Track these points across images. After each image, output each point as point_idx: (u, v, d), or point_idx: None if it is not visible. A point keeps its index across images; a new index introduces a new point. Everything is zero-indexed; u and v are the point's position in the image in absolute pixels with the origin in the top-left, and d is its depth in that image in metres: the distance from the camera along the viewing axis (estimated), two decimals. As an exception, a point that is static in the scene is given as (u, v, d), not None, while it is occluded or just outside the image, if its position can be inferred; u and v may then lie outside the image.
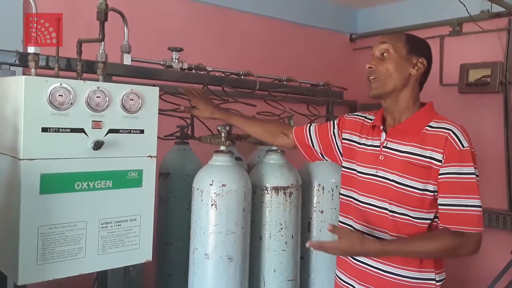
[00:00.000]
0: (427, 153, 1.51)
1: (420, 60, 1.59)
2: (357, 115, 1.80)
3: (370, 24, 4.12)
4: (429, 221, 1.55)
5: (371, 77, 1.59)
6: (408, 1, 3.81)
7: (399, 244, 1.53)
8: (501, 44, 3.26)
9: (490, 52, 3.30)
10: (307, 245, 1.54)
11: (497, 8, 3.17)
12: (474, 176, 1.48)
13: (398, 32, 1.64)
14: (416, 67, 1.58)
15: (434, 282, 1.57)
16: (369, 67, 1.58)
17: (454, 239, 1.47)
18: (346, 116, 1.83)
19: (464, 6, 3.08)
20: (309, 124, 1.93)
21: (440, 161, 1.49)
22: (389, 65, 1.56)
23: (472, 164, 1.48)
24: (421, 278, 1.56)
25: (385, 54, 1.57)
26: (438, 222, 1.54)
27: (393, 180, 1.55)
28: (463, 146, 1.48)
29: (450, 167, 1.48)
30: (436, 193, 1.51)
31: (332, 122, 1.87)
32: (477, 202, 1.47)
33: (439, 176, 1.49)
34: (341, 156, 1.80)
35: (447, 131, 1.50)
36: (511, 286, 2.95)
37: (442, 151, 1.49)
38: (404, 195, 1.53)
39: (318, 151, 1.87)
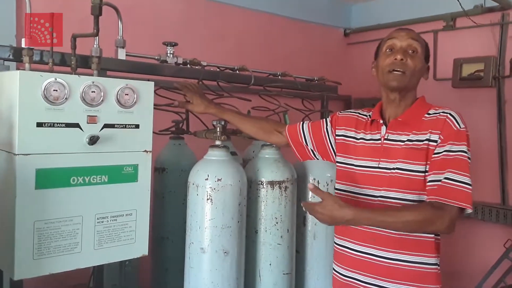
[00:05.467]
0: (424, 136, 1.55)
1: (428, 67, 1.67)
2: (350, 112, 1.83)
3: (364, 19, 4.13)
4: None
5: (398, 69, 1.57)
6: (402, -4, 3.82)
7: (374, 212, 1.49)
8: (494, 38, 3.28)
9: (484, 46, 3.32)
10: (302, 204, 1.54)
11: (490, 3, 3.19)
12: (466, 155, 1.50)
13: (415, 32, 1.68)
14: (427, 74, 1.67)
15: (436, 266, 1.60)
16: (401, 59, 1.56)
17: (431, 211, 1.44)
18: (338, 114, 1.85)
19: (458, 0, 3.09)
20: (302, 122, 1.95)
21: (436, 141, 1.52)
22: (417, 64, 1.59)
23: (466, 144, 1.51)
24: (426, 263, 1.58)
25: (414, 52, 1.59)
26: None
27: (397, 168, 1.57)
28: (460, 127, 1.52)
29: (445, 146, 1.51)
30: None
31: (325, 119, 1.89)
32: (467, 180, 1.47)
33: (433, 156, 1.52)
34: (334, 153, 1.82)
35: (445, 113, 1.56)
36: (504, 279, 2.98)
37: (439, 132, 1.53)
38: (409, 180, 1.55)
39: (311, 147, 1.88)
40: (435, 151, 1.52)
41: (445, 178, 1.47)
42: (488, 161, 3.29)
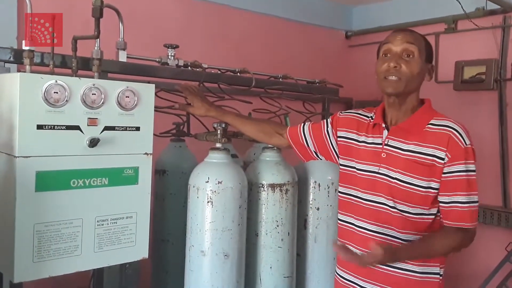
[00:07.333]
0: (430, 151, 1.52)
1: (431, 66, 1.62)
2: (351, 112, 1.80)
3: (365, 21, 4.13)
4: (431, 217, 1.57)
5: (392, 77, 1.53)
6: (404, -2, 3.82)
7: (409, 248, 1.53)
8: (496, 41, 3.27)
9: (485, 49, 3.31)
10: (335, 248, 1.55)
11: (492, 6, 3.18)
12: (474, 173, 1.52)
13: (414, 31, 1.63)
14: (429, 75, 1.63)
15: (438, 276, 1.60)
16: (394, 67, 1.53)
17: (461, 235, 1.52)
18: (339, 114, 1.82)
19: (459, 3, 3.08)
20: (303, 124, 1.93)
21: (443, 159, 1.51)
22: (414, 69, 1.54)
23: (474, 161, 1.52)
24: (427, 272, 1.58)
25: (410, 56, 1.54)
26: (441, 218, 1.57)
27: (396, 178, 1.56)
28: (466, 144, 1.51)
29: (456, 165, 1.50)
30: (438, 191, 1.53)
31: (325, 120, 1.87)
32: (476, 198, 1.52)
33: (443, 175, 1.51)
34: (336, 154, 1.80)
35: (449, 129, 1.53)
36: (505, 282, 2.97)
37: (445, 149, 1.51)
38: (407, 193, 1.54)
39: (313, 149, 1.86)
40: (445, 170, 1.51)
41: (464, 202, 1.51)
42: (490, 164, 3.27)
